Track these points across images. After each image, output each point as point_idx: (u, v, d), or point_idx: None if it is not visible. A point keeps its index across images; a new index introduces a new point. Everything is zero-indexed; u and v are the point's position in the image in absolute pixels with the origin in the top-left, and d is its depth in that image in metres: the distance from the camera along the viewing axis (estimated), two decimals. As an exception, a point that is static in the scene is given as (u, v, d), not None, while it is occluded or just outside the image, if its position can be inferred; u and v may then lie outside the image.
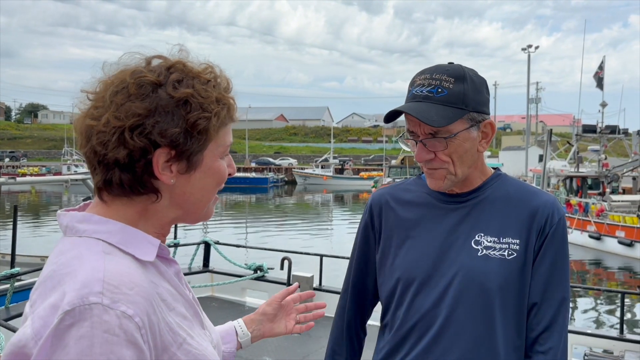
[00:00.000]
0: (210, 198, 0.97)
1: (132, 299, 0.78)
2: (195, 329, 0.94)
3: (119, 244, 0.86)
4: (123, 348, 0.75)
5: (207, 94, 0.90)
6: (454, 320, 1.34)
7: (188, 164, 0.90)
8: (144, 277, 0.84)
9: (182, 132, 0.87)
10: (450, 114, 1.30)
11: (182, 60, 0.93)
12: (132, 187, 0.88)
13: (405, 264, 1.41)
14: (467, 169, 1.37)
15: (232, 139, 0.99)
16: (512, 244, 1.35)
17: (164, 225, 0.95)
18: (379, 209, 1.51)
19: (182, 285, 0.96)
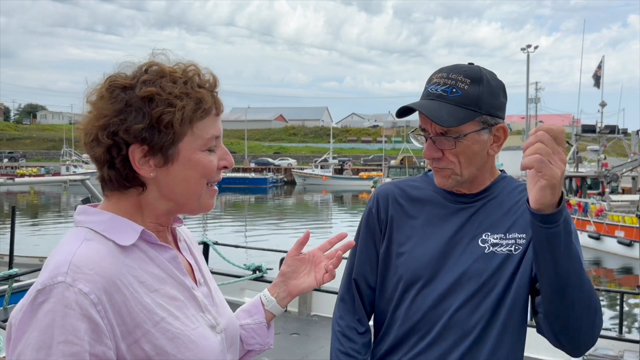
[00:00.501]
0: (198, 190, 1.03)
1: (91, 278, 0.88)
2: (188, 311, 1.01)
3: (103, 232, 0.96)
4: (78, 321, 0.85)
5: (171, 90, 0.97)
6: (457, 319, 1.34)
7: (164, 157, 0.98)
8: (113, 260, 0.93)
9: (148, 127, 0.95)
10: (462, 115, 1.30)
11: (154, 62, 1.01)
12: (119, 182, 0.99)
13: (410, 262, 1.40)
14: (474, 170, 1.36)
15: (219, 131, 1.04)
16: (518, 239, 1.35)
17: (159, 217, 1.04)
18: (386, 201, 1.49)
19: (176, 270, 1.03)
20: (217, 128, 1.04)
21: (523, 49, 44.27)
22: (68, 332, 0.85)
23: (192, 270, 1.10)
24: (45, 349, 0.84)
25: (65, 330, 0.85)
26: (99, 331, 0.87)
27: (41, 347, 0.84)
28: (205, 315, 1.05)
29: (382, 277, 1.48)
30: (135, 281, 0.94)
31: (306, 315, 6.59)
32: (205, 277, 1.13)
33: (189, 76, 1.01)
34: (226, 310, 1.15)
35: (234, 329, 1.14)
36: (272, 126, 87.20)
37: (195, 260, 1.14)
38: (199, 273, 1.11)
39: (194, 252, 1.16)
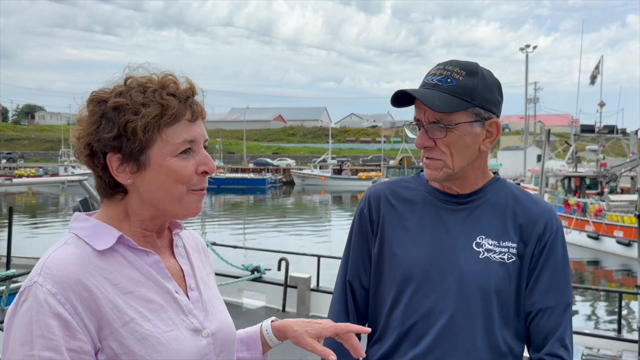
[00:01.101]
0: (175, 194, 1.06)
1: (58, 279, 0.95)
2: (165, 314, 1.04)
3: (85, 237, 1.03)
4: (49, 319, 0.93)
5: (137, 99, 1.02)
6: (455, 322, 1.34)
7: (137, 164, 1.04)
8: (84, 263, 0.99)
9: (116, 136, 1.02)
10: (454, 103, 1.31)
11: (131, 75, 1.07)
12: (104, 189, 1.07)
13: (404, 263, 1.39)
14: (465, 164, 1.36)
15: (193, 136, 1.07)
16: (511, 248, 1.37)
17: (144, 222, 1.09)
18: (378, 202, 1.48)
19: (158, 274, 1.07)
20: (191, 133, 1.06)
21: (522, 49, 44.33)
22: (43, 327, 0.93)
23: (183, 275, 1.13)
24: (28, 343, 0.92)
25: (40, 326, 0.93)
26: (71, 327, 0.94)
27: (25, 342, 0.93)
28: (188, 319, 1.07)
29: (376, 279, 1.46)
30: (107, 283, 0.99)
31: (305, 315, 6.58)
32: (199, 283, 1.15)
33: (164, 85, 1.05)
34: (220, 316, 1.16)
35: (226, 335, 1.15)
36: (271, 126, 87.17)
37: (192, 265, 1.16)
38: (191, 279, 1.14)
39: (191, 257, 1.18)
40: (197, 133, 1.08)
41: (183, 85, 1.08)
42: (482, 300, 1.33)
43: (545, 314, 1.36)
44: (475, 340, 1.33)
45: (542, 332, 1.36)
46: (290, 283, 6.71)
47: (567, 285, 1.39)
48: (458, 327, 1.33)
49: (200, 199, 1.10)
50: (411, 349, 1.36)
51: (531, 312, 1.37)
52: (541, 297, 1.36)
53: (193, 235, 1.26)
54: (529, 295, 1.37)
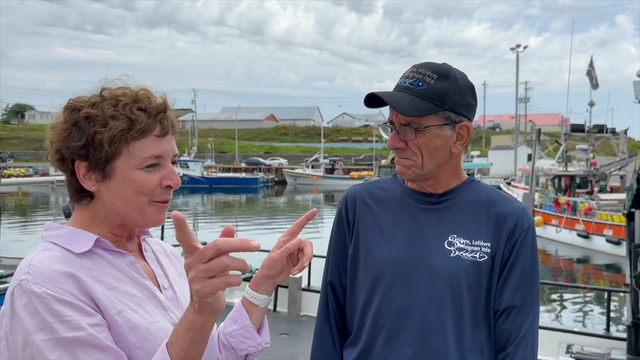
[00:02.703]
0: (136, 205, 1.09)
1: (49, 275, 0.98)
2: (147, 307, 1.09)
3: (62, 243, 1.07)
4: (56, 305, 0.95)
5: (107, 112, 1.06)
6: (426, 321, 1.35)
7: (102, 172, 1.08)
8: (69, 262, 1.02)
9: (84, 145, 1.06)
10: (423, 106, 1.33)
11: (108, 87, 1.10)
12: (74, 193, 1.11)
13: (377, 262, 1.41)
14: (435, 165, 1.39)
15: (161, 151, 1.09)
16: (483, 247, 1.38)
17: (113, 228, 1.13)
18: (354, 202, 1.51)
19: (135, 272, 1.12)
20: (158, 148, 1.09)
21: (512, 49, 44.59)
22: (55, 314, 0.94)
23: (154, 276, 1.17)
24: (47, 328, 0.93)
25: (51, 314, 0.94)
26: (80, 308, 0.97)
27: (42, 328, 0.93)
28: (168, 314, 1.12)
29: (352, 278, 1.49)
30: (93, 280, 1.03)
31: (296, 315, 6.58)
32: (172, 282, 1.19)
33: (138, 99, 1.09)
34: None
35: None
36: (263, 126, 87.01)
37: (162, 267, 1.21)
38: (163, 279, 1.18)
39: (160, 260, 1.23)
40: (165, 148, 1.10)
41: (156, 101, 1.11)
42: (453, 299, 1.35)
43: (512, 312, 1.36)
44: (447, 339, 1.34)
45: (506, 331, 1.37)
46: (282, 283, 6.71)
47: (535, 284, 1.40)
48: (429, 326, 1.35)
49: (162, 210, 1.13)
50: (384, 348, 1.38)
51: (498, 311, 1.38)
52: (509, 295, 1.37)
53: (160, 243, 1.30)
54: (498, 293, 1.38)
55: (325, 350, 1.51)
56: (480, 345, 1.37)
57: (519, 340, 1.35)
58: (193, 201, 37.22)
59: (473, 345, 1.36)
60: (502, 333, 1.37)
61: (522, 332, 1.35)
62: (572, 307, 12.40)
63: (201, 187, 43.87)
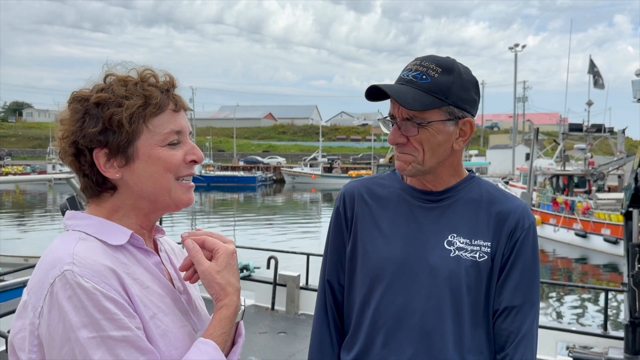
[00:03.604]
0: (165, 184, 1.05)
1: (95, 268, 0.93)
2: (175, 311, 1.05)
3: (95, 234, 1.01)
4: (105, 302, 0.91)
5: (119, 92, 1.03)
6: (425, 322, 1.33)
7: (125, 156, 1.03)
8: (109, 256, 0.98)
9: (102, 130, 1.01)
10: (427, 101, 1.29)
11: (111, 72, 1.07)
12: (92, 187, 1.06)
13: (375, 261, 1.38)
14: (436, 162, 1.35)
15: (180, 126, 1.07)
16: (483, 247, 1.35)
17: (138, 216, 1.08)
18: (352, 200, 1.48)
19: (161, 274, 1.08)
20: (177, 123, 1.07)
21: (511, 48, 44.62)
22: (103, 311, 0.90)
23: (171, 279, 1.13)
24: (92, 325, 0.89)
25: (99, 311, 0.90)
26: (126, 308, 0.93)
27: (86, 324, 0.89)
28: (189, 319, 1.09)
29: (350, 276, 1.46)
30: (129, 277, 0.99)
31: (294, 314, 6.57)
32: (186, 286, 1.15)
33: (145, 79, 1.06)
34: (207, 317, 1.16)
35: None
36: (261, 124, 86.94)
37: (175, 270, 1.16)
38: (179, 282, 1.14)
39: (174, 262, 1.18)
40: (183, 124, 1.08)
41: (162, 79, 1.09)
42: (453, 300, 1.32)
43: (511, 313, 1.34)
44: (446, 339, 1.32)
45: (505, 332, 1.34)
46: (280, 281, 6.70)
47: (536, 284, 1.37)
48: (429, 327, 1.32)
49: (190, 190, 1.10)
50: (382, 349, 1.36)
51: (497, 311, 1.36)
52: (508, 295, 1.34)
53: (168, 241, 1.26)
54: (498, 293, 1.36)
55: (323, 350, 1.48)
56: (479, 346, 1.35)
57: (519, 341, 1.33)
58: (191, 200, 37.10)
59: (472, 346, 1.34)
60: (501, 333, 1.35)
61: (521, 333, 1.33)
62: (570, 306, 12.42)
63: (199, 185, 43.80)
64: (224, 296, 1.05)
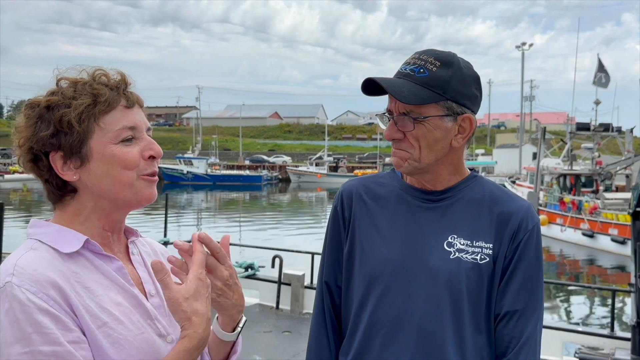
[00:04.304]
0: (124, 181, 1.05)
1: (35, 279, 0.93)
2: (134, 317, 1.03)
3: (49, 242, 1.01)
4: (38, 315, 0.90)
5: (68, 94, 1.03)
6: (424, 326, 1.29)
7: (79, 157, 1.03)
8: (56, 265, 0.98)
9: (53, 133, 1.02)
10: (424, 95, 1.26)
11: (63, 76, 1.07)
12: (54, 192, 1.06)
13: (373, 263, 1.35)
14: (433, 159, 1.31)
15: (133, 122, 1.06)
16: (485, 248, 1.31)
17: (102, 219, 1.08)
18: (350, 199, 1.44)
19: (122, 278, 1.06)
20: (129, 119, 1.06)
21: (518, 47, 44.43)
22: (34, 325, 0.90)
23: (141, 282, 1.11)
24: (23, 340, 0.89)
25: (30, 324, 0.90)
26: (62, 321, 0.92)
27: (17, 340, 0.89)
28: (154, 324, 1.06)
29: (347, 277, 1.42)
30: (79, 286, 0.98)
31: (298, 313, 6.56)
32: (159, 289, 1.11)
33: (95, 78, 1.06)
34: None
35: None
36: (267, 123, 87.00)
37: (149, 273, 1.14)
38: (150, 285, 1.12)
39: (148, 265, 1.14)
40: (137, 119, 1.07)
41: (114, 77, 1.08)
42: (452, 303, 1.28)
43: (513, 317, 1.30)
44: (446, 344, 1.28)
45: (507, 337, 1.30)
46: (284, 280, 6.70)
47: (539, 288, 1.33)
48: (427, 331, 1.28)
49: (152, 184, 1.08)
50: (380, 353, 1.32)
51: (499, 315, 1.31)
52: (511, 299, 1.30)
53: (150, 243, 1.24)
54: (499, 297, 1.31)
55: (321, 352, 1.45)
56: (480, 351, 1.31)
57: (520, 346, 1.28)
58: (197, 198, 37.27)
59: (473, 351, 1.30)
60: (502, 338, 1.31)
61: (523, 338, 1.29)
62: (577, 306, 12.34)
63: (205, 184, 43.94)
64: (189, 326, 0.99)
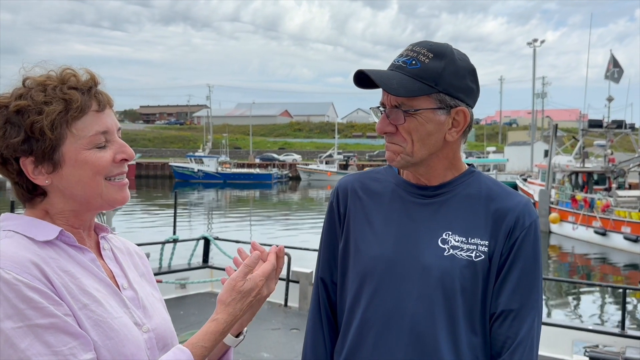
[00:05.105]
0: (95, 188, 1.05)
1: (17, 260, 0.94)
2: (111, 302, 1.05)
3: (23, 231, 1.02)
4: (28, 292, 0.91)
5: (38, 98, 1.00)
6: (416, 324, 1.27)
7: (51, 163, 1.02)
8: (34, 250, 0.98)
9: (25, 139, 1.00)
10: (414, 87, 1.23)
11: (29, 75, 1.04)
12: (23, 194, 1.06)
13: (366, 259, 1.33)
14: (426, 153, 1.28)
15: (105, 126, 1.05)
16: (480, 245, 1.28)
17: (68, 219, 1.08)
18: (345, 195, 1.42)
19: (96, 268, 1.08)
20: (102, 124, 1.05)
21: (529, 43, 44.02)
22: (27, 301, 0.90)
23: (113, 276, 1.12)
24: (17, 315, 0.89)
25: (22, 300, 0.90)
26: (51, 297, 0.93)
27: (10, 316, 0.89)
28: (129, 312, 1.08)
29: (342, 274, 1.41)
30: (59, 269, 0.99)
31: (306, 310, 6.57)
32: (132, 283, 1.14)
33: (64, 80, 1.04)
34: (158, 313, 1.15)
35: (166, 331, 1.14)
36: (277, 122, 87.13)
37: (121, 267, 1.15)
38: (122, 279, 1.13)
39: (119, 259, 1.17)
40: (108, 123, 1.06)
41: (83, 77, 1.06)
42: (446, 301, 1.25)
43: (508, 317, 1.26)
44: (439, 344, 1.25)
45: (502, 337, 1.27)
46: (293, 278, 6.70)
47: (536, 287, 1.29)
48: (420, 330, 1.26)
49: (123, 188, 1.09)
50: (372, 351, 1.30)
51: (494, 314, 1.28)
52: (506, 298, 1.27)
53: (122, 241, 1.25)
54: (495, 296, 1.28)
55: (317, 349, 1.44)
56: (475, 351, 1.28)
57: (515, 347, 1.25)
58: (208, 196, 37.43)
59: (468, 351, 1.26)
60: (497, 338, 1.28)
61: (518, 338, 1.25)
62: (588, 304, 12.23)
63: (215, 182, 44.08)
64: (221, 310, 1.09)
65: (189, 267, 7.32)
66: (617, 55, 24.98)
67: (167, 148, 65.09)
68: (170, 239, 7.36)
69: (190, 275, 7.17)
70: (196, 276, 7.15)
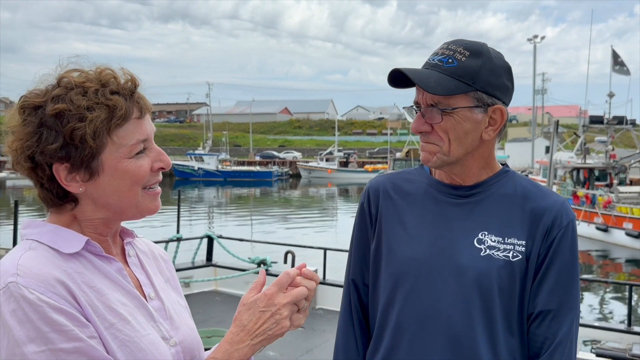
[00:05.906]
0: (131, 198, 1.01)
1: (42, 278, 0.89)
2: (138, 317, 1.00)
3: (48, 242, 0.97)
4: (53, 314, 0.87)
5: (81, 102, 0.95)
6: (453, 326, 1.25)
7: (89, 171, 0.97)
8: (59, 265, 0.94)
9: (62, 145, 0.94)
10: (452, 85, 1.22)
11: (66, 74, 0.98)
12: (52, 200, 1.00)
13: (400, 261, 1.32)
14: (463, 152, 1.27)
15: (145, 134, 1.01)
16: (517, 245, 1.26)
17: (97, 226, 1.03)
18: (377, 196, 1.41)
19: (123, 280, 1.03)
20: (142, 132, 1.01)
21: (529, 40, 44.02)
22: (51, 323, 0.86)
23: (139, 285, 1.08)
24: (40, 339, 0.85)
25: (47, 323, 0.86)
26: (77, 318, 0.89)
27: (33, 339, 0.85)
28: (157, 326, 1.04)
29: (374, 276, 1.39)
30: (85, 285, 0.95)
31: (312, 308, 6.56)
32: (158, 292, 1.10)
33: (104, 82, 0.98)
34: (184, 323, 1.12)
35: (192, 343, 1.10)
36: (277, 119, 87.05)
37: (147, 275, 1.11)
38: (149, 288, 1.09)
39: (146, 266, 1.12)
40: (148, 130, 1.02)
41: (123, 79, 1.01)
42: (483, 302, 1.24)
43: (547, 317, 1.25)
44: (477, 345, 1.24)
45: (540, 337, 1.26)
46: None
47: (574, 287, 1.28)
48: (456, 331, 1.24)
49: (156, 197, 1.05)
50: (407, 353, 1.29)
51: (532, 314, 1.27)
52: (544, 299, 1.26)
53: (147, 244, 1.20)
54: (533, 296, 1.27)
55: (349, 352, 1.42)
56: (512, 352, 1.27)
57: (554, 348, 1.24)
58: (208, 194, 37.43)
59: (506, 351, 1.26)
60: (535, 339, 1.27)
61: (557, 339, 1.24)
62: (592, 301, 12.23)
63: (216, 180, 44.11)
64: (235, 327, 1.03)
65: (192, 266, 7.31)
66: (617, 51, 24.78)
67: (167, 146, 64.98)
68: (174, 237, 7.35)
69: (194, 273, 7.16)
70: (200, 275, 7.14)
